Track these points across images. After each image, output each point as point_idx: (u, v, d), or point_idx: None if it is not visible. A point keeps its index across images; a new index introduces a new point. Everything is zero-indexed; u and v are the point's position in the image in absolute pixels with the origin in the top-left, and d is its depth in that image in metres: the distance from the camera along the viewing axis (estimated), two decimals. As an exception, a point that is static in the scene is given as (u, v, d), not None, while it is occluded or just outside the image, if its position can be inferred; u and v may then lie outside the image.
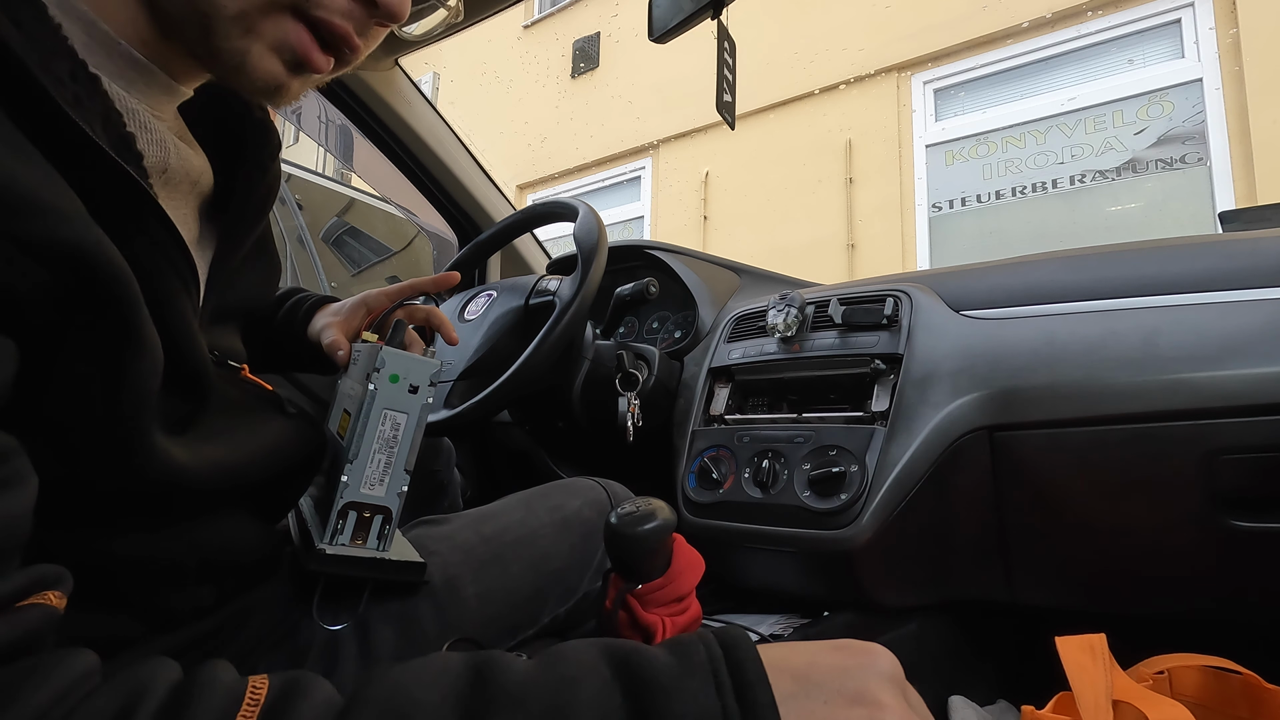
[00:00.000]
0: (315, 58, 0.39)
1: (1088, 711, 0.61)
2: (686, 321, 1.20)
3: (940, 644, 0.88)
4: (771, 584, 0.84)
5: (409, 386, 0.51)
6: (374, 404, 0.49)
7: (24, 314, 0.28)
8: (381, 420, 0.50)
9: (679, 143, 5.26)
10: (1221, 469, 0.64)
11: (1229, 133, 3.26)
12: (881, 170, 4.25)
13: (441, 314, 0.69)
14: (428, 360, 0.51)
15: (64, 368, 0.31)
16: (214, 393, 0.42)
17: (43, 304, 0.29)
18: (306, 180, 2.59)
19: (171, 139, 0.42)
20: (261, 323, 0.69)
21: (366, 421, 0.49)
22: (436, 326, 0.68)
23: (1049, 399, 0.70)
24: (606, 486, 0.73)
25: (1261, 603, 0.69)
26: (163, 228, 0.36)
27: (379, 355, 0.50)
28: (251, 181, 0.47)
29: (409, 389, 0.51)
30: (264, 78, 0.39)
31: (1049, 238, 3.66)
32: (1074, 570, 0.76)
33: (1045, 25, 3.79)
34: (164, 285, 0.37)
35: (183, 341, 0.38)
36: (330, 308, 0.68)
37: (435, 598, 0.54)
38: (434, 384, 0.52)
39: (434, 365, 0.52)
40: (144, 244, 0.35)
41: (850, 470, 0.73)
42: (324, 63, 0.40)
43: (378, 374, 0.49)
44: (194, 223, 0.45)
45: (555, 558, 0.63)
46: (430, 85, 6.36)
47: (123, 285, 0.31)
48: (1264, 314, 0.64)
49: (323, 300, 0.70)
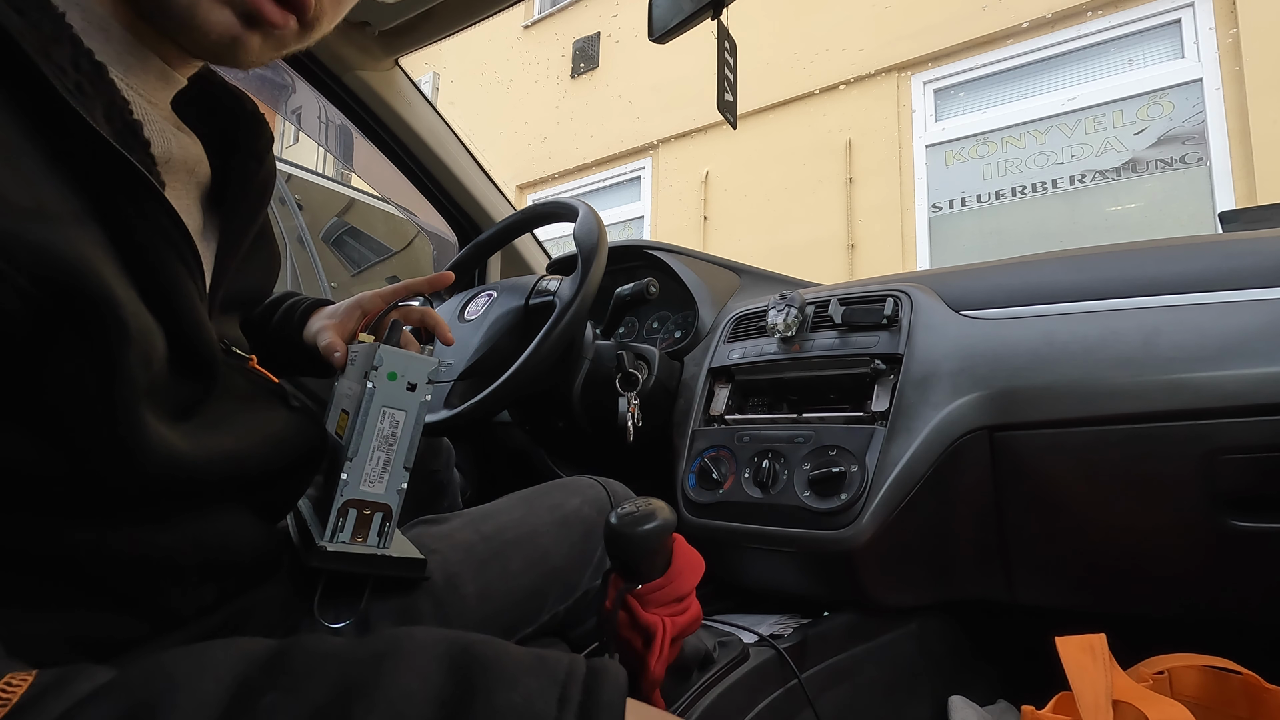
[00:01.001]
0: (266, 7, 0.39)
1: (1088, 711, 0.61)
2: (686, 321, 1.20)
3: (940, 644, 0.88)
4: (771, 584, 0.84)
5: (407, 384, 0.51)
6: (372, 401, 0.49)
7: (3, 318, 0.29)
8: (380, 418, 0.50)
9: (679, 143, 5.26)
10: (1221, 469, 0.64)
11: (1229, 133, 3.25)
12: (881, 170, 4.25)
13: (436, 314, 0.69)
14: (425, 358, 0.52)
15: (53, 367, 0.31)
16: (221, 380, 0.42)
17: (20, 308, 0.29)
18: (306, 180, 2.59)
19: (170, 127, 0.42)
20: (256, 327, 0.69)
21: (365, 419, 0.49)
22: (432, 327, 0.68)
23: (1049, 399, 0.70)
24: (606, 485, 0.73)
25: (1261, 602, 0.69)
26: (166, 216, 0.37)
27: (376, 353, 0.50)
28: (248, 172, 0.47)
29: (407, 386, 0.51)
30: (216, 29, 0.38)
31: (1049, 238, 3.66)
32: (1074, 570, 0.76)
33: (1045, 25, 3.79)
34: (169, 272, 0.37)
35: (189, 328, 0.38)
36: (325, 310, 0.68)
37: (435, 596, 0.54)
38: (432, 381, 0.52)
39: (431, 363, 0.52)
40: (148, 233, 0.36)
41: (850, 470, 0.73)
42: (279, 16, 0.40)
43: (375, 372, 0.50)
44: (197, 213, 0.45)
45: (555, 556, 0.63)
46: (430, 85, 6.36)
47: (96, 282, 0.31)
48: (1264, 314, 0.64)
49: (317, 303, 0.70)
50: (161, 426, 0.36)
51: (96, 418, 0.33)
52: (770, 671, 0.67)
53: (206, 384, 0.41)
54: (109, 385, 0.33)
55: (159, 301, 0.36)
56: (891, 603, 0.80)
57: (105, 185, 0.34)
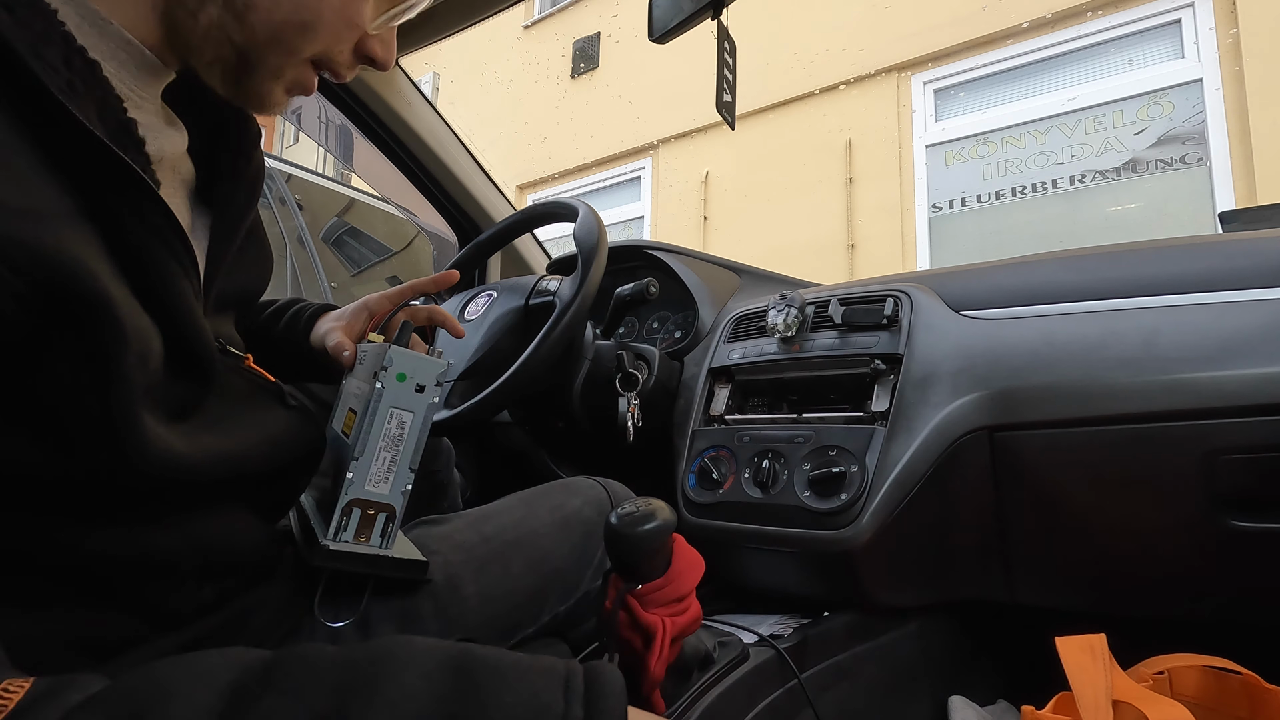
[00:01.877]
0: (312, 89, 0.46)
1: (1088, 711, 0.61)
2: (686, 321, 1.20)
3: (940, 644, 0.88)
4: (771, 584, 0.84)
5: (416, 385, 0.51)
6: (381, 402, 0.50)
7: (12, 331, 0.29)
8: (388, 419, 0.50)
9: (679, 143, 5.26)
10: (1221, 469, 0.64)
11: (1229, 133, 3.25)
12: (881, 170, 4.25)
13: (443, 310, 0.69)
14: (434, 360, 0.52)
15: (49, 369, 0.31)
16: (217, 379, 0.42)
17: (15, 310, 0.29)
18: (306, 180, 2.58)
19: (161, 124, 0.42)
20: (261, 334, 0.69)
21: (373, 419, 0.49)
22: (440, 323, 0.68)
23: (1049, 399, 0.70)
24: (607, 486, 0.73)
25: (1261, 603, 0.69)
26: (161, 216, 0.37)
27: (387, 354, 0.50)
28: (238, 168, 0.47)
29: (416, 388, 0.51)
30: (273, 105, 0.44)
31: (1049, 238, 3.66)
32: (1074, 570, 0.76)
33: (1045, 25, 3.78)
34: (163, 272, 0.37)
35: (185, 327, 0.38)
36: (331, 314, 0.68)
37: (436, 597, 0.54)
38: (440, 384, 0.52)
39: (440, 365, 0.52)
40: (142, 232, 0.36)
41: (850, 470, 0.73)
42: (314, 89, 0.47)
43: (385, 372, 0.50)
44: (186, 211, 0.45)
45: (556, 557, 0.63)
46: (430, 85, 6.36)
47: (91, 283, 0.31)
48: (1264, 314, 0.64)
49: (323, 308, 0.70)
50: (159, 427, 0.36)
51: (94, 419, 0.33)
52: (770, 671, 0.67)
53: (203, 384, 0.41)
54: (105, 387, 0.33)
55: (154, 302, 0.36)
56: (891, 603, 0.80)
57: (99, 185, 0.34)
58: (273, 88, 0.43)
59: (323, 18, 0.41)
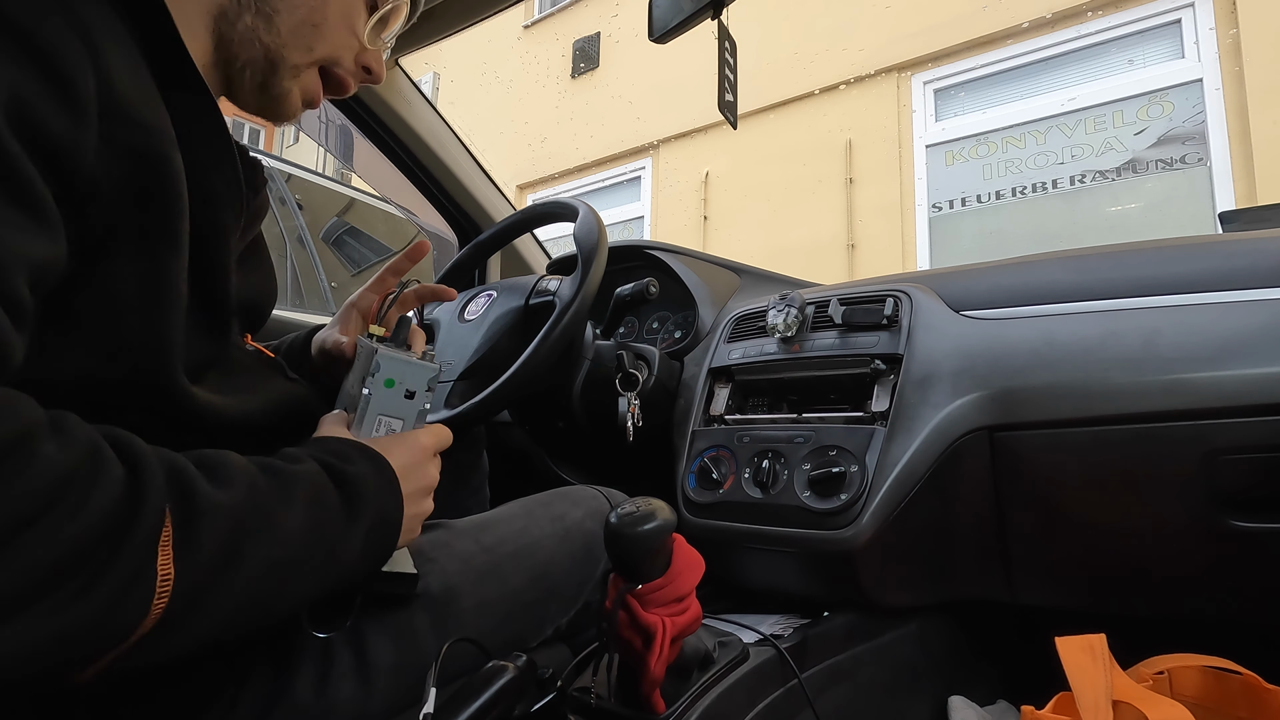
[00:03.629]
0: (319, 100, 0.55)
1: (1088, 711, 0.61)
2: (686, 321, 1.20)
3: (940, 644, 0.88)
4: (771, 584, 0.84)
5: (405, 392, 0.50)
6: (368, 409, 0.49)
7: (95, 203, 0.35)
8: (376, 426, 0.49)
9: (679, 143, 5.26)
10: (1221, 469, 0.64)
11: (1229, 133, 3.25)
12: (881, 170, 4.25)
13: (431, 285, 0.72)
14: (425, 364, 0.51)
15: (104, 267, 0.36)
16: (232, 342, 0.48)
17: (112, 199, 0.35)
18: (306, 180, 2.58)
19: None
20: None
21: (360, 427, 0.49)
22: (432, 296, 0.72)
23: (1049, 399, 0.70)
24: (610, 496, 0.72)
25: (1262, 602, 0.69)
26: (233, 167, 0.45)
27: (374, 359, 0.49)
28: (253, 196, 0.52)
29: (405, 394, 0.50)
30: (291, 110, 0.53)
31: (1049, 238, 3.66)
32: (1074, 570, 0.76)
33: (1045, 25, 3.78)
34: (223, 218, 0.44)
35: (220, 275, 0.44)
36: (325, 326, 0.71)
37: (433, 609, 0.53)
38: (431, 389, 0.51)
39: (432, 369, 0.51)
40: (220, 179, 0.44)
41: (850, 470, 0.73)
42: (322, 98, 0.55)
43: (372, 379, 0.49)
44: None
45: (556, 570, 0.62)
46: (430, 85, 6.36)
47: (178, 191, 0.39)
48: (1264, 314, 0.64)
49: (312, 330, 0.73)
50: (181, 377, 0.41)
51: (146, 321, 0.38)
52: (770, 671, 0.67)
53: (220, 342, 0.46)
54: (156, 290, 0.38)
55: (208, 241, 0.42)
56: (891, 602, 0.80)
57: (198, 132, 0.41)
58: (291, 88, 0.51)
59: (329, 20, 0.51)
